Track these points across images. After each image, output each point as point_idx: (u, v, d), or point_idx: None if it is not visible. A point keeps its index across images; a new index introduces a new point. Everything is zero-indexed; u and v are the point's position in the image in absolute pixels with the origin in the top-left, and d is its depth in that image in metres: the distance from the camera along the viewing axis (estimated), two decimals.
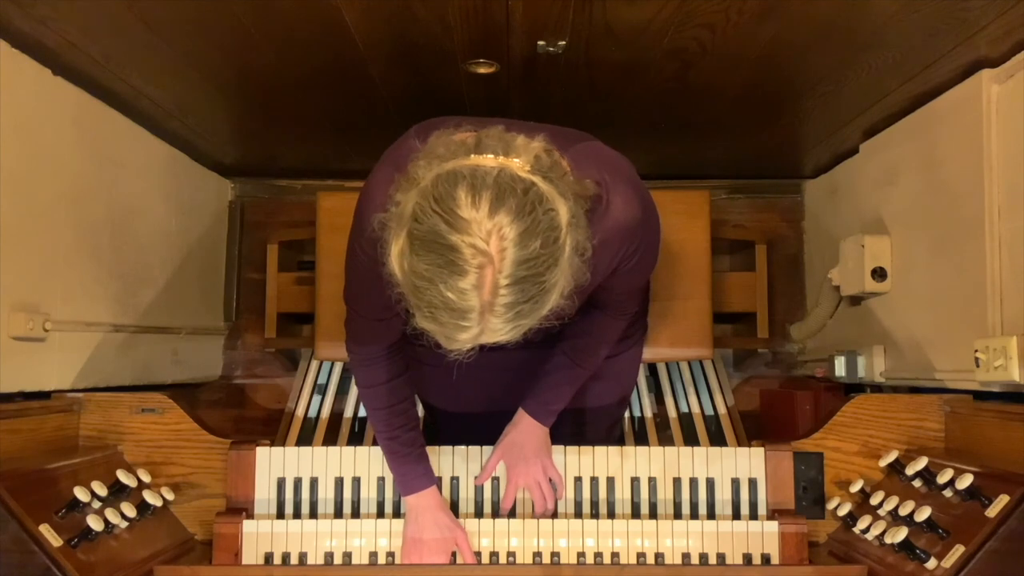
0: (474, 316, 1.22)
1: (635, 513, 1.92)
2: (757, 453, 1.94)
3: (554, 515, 1.90)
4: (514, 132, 1.32)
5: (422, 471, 1.81)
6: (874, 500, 1.83)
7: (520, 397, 1.87)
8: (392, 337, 1.70)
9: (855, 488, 1.90)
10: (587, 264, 1.30)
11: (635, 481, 1.93)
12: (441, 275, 1.20)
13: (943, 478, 1.68)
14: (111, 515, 1.69)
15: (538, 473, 1.89)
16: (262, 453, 1.95)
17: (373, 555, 1.85)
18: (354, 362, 1.75)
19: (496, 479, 1.94)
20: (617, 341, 1.88)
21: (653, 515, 1.91)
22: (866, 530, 1.76)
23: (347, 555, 1.85)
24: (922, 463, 1.77)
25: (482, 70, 2.04)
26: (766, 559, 1.83)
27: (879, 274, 2.30)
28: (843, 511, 1.87)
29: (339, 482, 1.94)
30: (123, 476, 1.80)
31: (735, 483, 1.93)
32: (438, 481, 1.86)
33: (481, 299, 1.21)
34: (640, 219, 1.52)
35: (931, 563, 1.55)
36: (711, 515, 1.92)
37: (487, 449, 1.93)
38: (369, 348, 1.71)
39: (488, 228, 1.19)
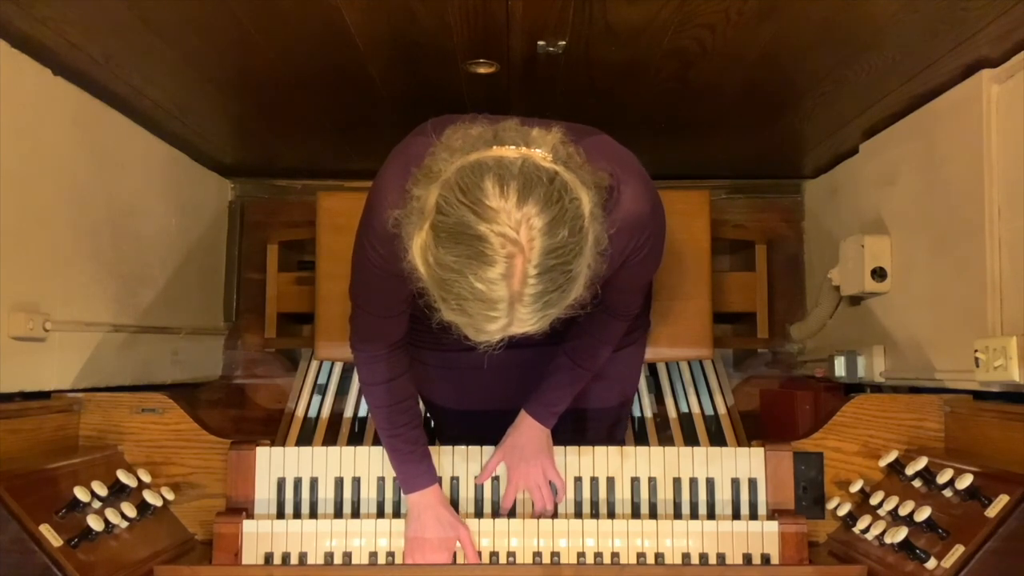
0: (503, 306, 1.22)
1: (635, 513, 1.92)
2: (757, 453, 1.94)
3: (554, 515, 1.90)
4: (528, 126, 1.32)
5: (424, 469, 1.81)
6: (874, 500, 1.83)
7: (522, 396, 1.88)
8: (397, 335, 1.70)
9: (855, 488, 1.90)
10: (604, 255, 1.31)
11: (635, 481, 1.93)
12: (470, 266, 1.20)
13: (943, 478, 1.68)
14: (111, 515, 1.68)
15: (538, 476, 1.89)
16: (262, 453, 1.95)
17: (373, 555, 1.85)
18: (358, 359, 1.75)
19: (496, 479, 1.94)
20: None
21: (653, 515, 1.91)
22: (866, 530, 1.76)
23: (347, 555, 1.85)
24: (922, 463, 1.77)
25: (482, 70, 2.04)
26: (766, 559, 1.83)
27: (879, 274, 2.29)
28: (843, 511, 1.87)
29: (339, 482, 1.94)
30: (123, 476, 1.80)
31: (735, 483, 1.93)
32: (439, 480, 1.86)
33: (510, 289, 1.21)
34: (649, 211, 1.53)
35: (931, 563, 1.55)
36: (711, 515, 1.92)
37: (488, 449, 1.93)
38: (374, 345, 1.71)
39: (517, 218, 1.20)
